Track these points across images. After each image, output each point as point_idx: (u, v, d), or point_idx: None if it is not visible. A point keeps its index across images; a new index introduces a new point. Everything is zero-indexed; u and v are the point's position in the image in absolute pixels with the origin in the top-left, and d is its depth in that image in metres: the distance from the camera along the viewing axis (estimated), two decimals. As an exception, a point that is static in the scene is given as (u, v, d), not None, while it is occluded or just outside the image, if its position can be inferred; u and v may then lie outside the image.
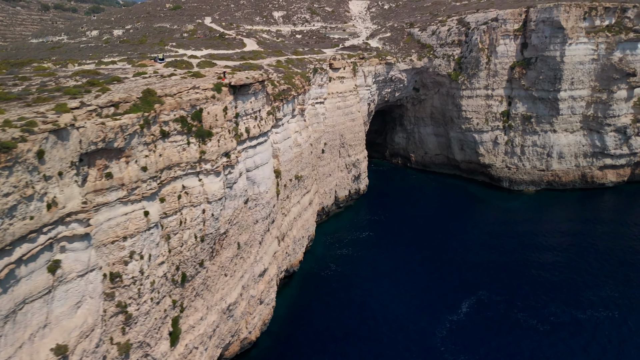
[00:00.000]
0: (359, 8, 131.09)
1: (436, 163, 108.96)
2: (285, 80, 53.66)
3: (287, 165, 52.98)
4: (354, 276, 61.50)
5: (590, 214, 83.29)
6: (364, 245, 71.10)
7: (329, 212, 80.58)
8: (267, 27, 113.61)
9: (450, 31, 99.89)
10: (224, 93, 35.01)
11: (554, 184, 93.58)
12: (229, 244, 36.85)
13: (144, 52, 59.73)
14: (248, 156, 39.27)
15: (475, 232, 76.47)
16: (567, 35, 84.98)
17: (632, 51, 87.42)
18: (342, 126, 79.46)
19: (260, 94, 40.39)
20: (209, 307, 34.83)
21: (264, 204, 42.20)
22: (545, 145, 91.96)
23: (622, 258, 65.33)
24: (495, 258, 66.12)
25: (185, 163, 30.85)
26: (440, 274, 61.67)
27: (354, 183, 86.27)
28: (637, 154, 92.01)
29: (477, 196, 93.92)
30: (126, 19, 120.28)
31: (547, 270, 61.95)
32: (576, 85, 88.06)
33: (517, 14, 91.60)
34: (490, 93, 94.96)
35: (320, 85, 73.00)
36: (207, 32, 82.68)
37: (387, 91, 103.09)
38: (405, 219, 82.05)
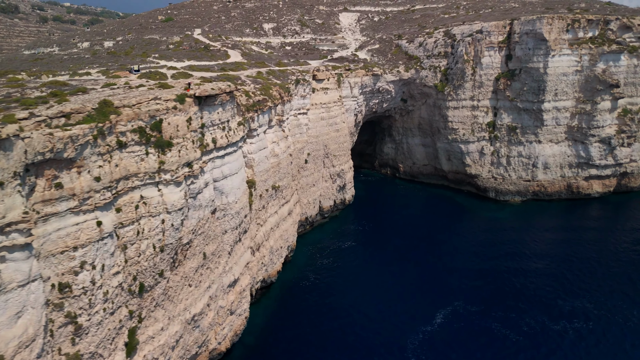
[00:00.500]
0: (349, 20, 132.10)
1: (424, 173, 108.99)
2: (261, 91, 53.85)
3: (263, 176, 52.98)
4: (333, 287, 61.11)
5: (575, 224, 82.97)
6: (346, 256, 70.78)
7: (313, 223, 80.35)
8: (256, 39, 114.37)
9: (437, 43, 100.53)
10: (188, 104, 35.12)
11: (540, 195, 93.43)
12: (194, 254, 36.71)
13: (125, 64, 60.02)
14: (215, 166, 39.26)
15: (459, 243, 76.20)
16: (550, 47, 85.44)
17: (615, 62, 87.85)
18: (326, 137, 79.55)
19: (229, 105, 40.50)
20: (171, 318, 34.58)
21: (233, 214, 42.09)
22: (531, 156, 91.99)
23: (602, 269, 64.97)
24: (476, 268, 65.75)
25: (144, 173, 30.83)
26: (420, 285, 61.30)
27: (339, 193, 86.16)
28: (623, 164, 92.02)
29: (464, 206, 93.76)
30: (118, 30, 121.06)
31: (527, 281, 61.54)
32: (560, 96, 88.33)
33: (501, 26, 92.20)
34: (476, 104, 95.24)
35: (303, 96, 73.24)
36: (193, 44, 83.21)
37: (375, 102, 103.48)
38: (390, 230, 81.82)
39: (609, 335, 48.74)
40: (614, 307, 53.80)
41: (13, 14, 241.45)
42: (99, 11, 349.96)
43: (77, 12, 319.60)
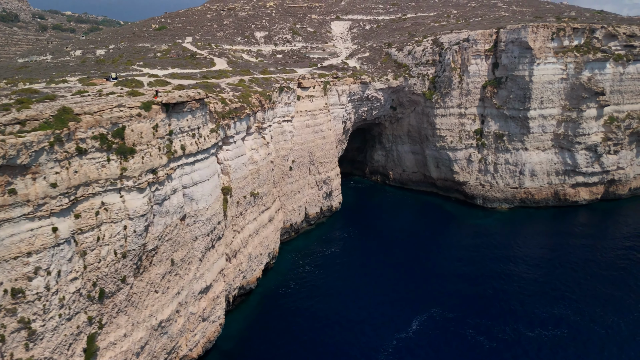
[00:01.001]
0: (340, 29, 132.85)
1: (413, 180, 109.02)
2: (239, 98, 54.12)
3: (241, 182, 53.08)
4: (314, 293, 60.92)
5: (561, 232, 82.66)
6: (329, 263, 70.61)
7: (299, 229, 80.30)
8: (247, 47, 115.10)
9: (425, 51, 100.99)
10: (155, 111, 35.34)
11: (527, 202, 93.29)
12: (160, 260, 36.73)
13: (107, 71, 60.39)
14: (185, 173, 39.38)
15: (443, 250, 76.03)
16: (535, 55, 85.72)
17: (600, 70, 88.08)
18: (312, 144, 79.72)
19: (199, 112, 40.73)
20: (136, 324, 34.53)
21: (204, 220, 42.15)
22: (518, 163, 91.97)
23: (585, 276, 64.68)
24: (459, 275, 65.51)
25: (105, 180, 30.96)
26: (401, 291, 61.05)
27: (326, 200, 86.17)
28: (610, 172, 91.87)
29: (451, 213, 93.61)
30: (112, 39, 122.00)
31: (507, 287, 61.32)
32: (546, 104, 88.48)
33: (488, 35, 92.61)
34: (463, 112, 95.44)
35: (287, 103, 73.53)
36: (181, 52, 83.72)
37: (364, 110, 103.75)
38: (376, 237, 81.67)
39: (583, 342, 48.45)
40: (592, 314, 53.51)
41: (13, 23, 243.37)
42: (100, 20, 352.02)
43: (78, 21, 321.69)
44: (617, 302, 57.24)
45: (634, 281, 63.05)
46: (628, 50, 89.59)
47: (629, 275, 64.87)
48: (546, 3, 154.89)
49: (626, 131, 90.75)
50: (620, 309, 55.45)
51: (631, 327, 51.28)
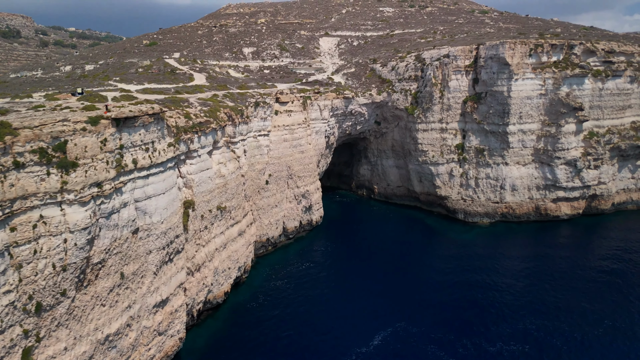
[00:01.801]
0: (329, 45, 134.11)
1: (398, 195, 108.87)
2: (206, 113, 54.49)
3: (206, 196, 53.15)
4: (281, 308, 60.38)
5: (539, 247, 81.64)
6: (303, 277, 70.16)
7: (276, 243, 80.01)
8: (235, 62, 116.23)
9: (408, 67, 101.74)
10: (103, 125, 35.61)
11: (509, 216, 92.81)
12: (108, 273, 36.64)
13: (83, 86, 60.99)
14: (137, 186, 39.49)
15: (419, 265, 75.24)
16: (513, 71, 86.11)
17: (578, 86, 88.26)
18: (290, 158, 79.90)
19: (154, 127, 41.00)
20: (78, 337, 34.31)
21: (159, 234, 42.12)
22: (498, 178, 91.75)
23: (556, 292, 63.90)
24: (431, 290, 64.90)
25: (44, 193, 31.08)
26: (369, 305, 60.48)
27: (306, 214, 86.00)
28: (591, 187, 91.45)
29: (432, 228, 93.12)
30: (103, 54, 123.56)
31: (476, 303, 60.59)
32: (525, 119, 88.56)
33: (468, 51, 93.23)
34: (444, 126, 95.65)
35: (264, 118, 73.96)
36: (162, 68, 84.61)
37: (348, 124, 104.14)
38: (354, 251, 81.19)
39: (542, 358, 47.72)
40: (556, 330, 52.81)
41: (14, 39, 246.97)
42: (103, 36, 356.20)
43: (80, 37, 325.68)
44: (588, 316, 56.56)
45: (610, 296, 62.33)
46: (607, 66, 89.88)
47: (607, 289, 64.23)
48: (534, 20, 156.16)
49: (606, 146, 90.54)
50: (589, 323, 54.82)
51: (594, 342, 50.60)
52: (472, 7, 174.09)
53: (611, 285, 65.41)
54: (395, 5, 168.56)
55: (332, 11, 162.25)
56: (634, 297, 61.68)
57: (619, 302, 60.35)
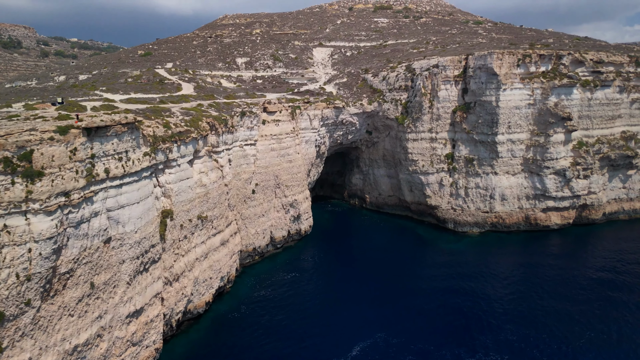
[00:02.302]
0: (322, 55, 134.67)
1: (389, 204, 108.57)
2: (187, 122, 54.53)
3: (186, 206, 52.98)
4: (263, 318, 59.86)
5: (529, 257, 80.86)
6: (289, 287, 69.61)
7: (263, 253, 79.61)
8: (228, 72, 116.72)
9: (398, 77, 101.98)
10: (72, 135, 35.60)
11: (498, 226, 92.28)
12: (76, 283, 36.38)
13: (69, 96, 61.37)
14: (109, 196, 39.37)
15: (407, 275, 74.33)
16: (501, 81, 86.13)
17: (567, 96, 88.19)
18: (278, 167, 79.80)
19: (127, 136, 40.99)
20: (44, 348, 33.97)
21: (132, 243, 41.89)
22: (488, 187, 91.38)
23: (544, 303, 63.13)
24: (414, 301, 64.26)
25: (8, 202, 30.98)
26: (353, 316, 59.86)
27: (294, 224, 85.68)
28: (581, 196, 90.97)
29: (422, 238, 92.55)
30: (97, 64, 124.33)
31: (460, 313, 59.94)
32: (514, 128, 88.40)
33: (457, 61, 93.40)
34: (434, 136, 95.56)
35: (250, 127, 73.99)
36: (151, 78, 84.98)
37: (339, 134, 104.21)
38: (342, 261, 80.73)
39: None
40: (538, 340, 52.10)
41: (15, 49, 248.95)
42: (105, 46, 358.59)
43: (82, 47, 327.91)
44: (575, 327, 55.88)
45: (599, 306, 61.56)
46: (595, 76, 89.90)
47: (596, 300, 63.43)
48: (528, 30, 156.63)
49: (596, 156, 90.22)
50: (575, 334, 54.18)
51: (579, 355, 49.89)
52: (466, 18, 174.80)
53: (600, 296, 64.71)
54: (390, 16, 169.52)
55: (327, 22, 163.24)
56: (623, 309, 61.06)
57: (608, 314, 59.70)
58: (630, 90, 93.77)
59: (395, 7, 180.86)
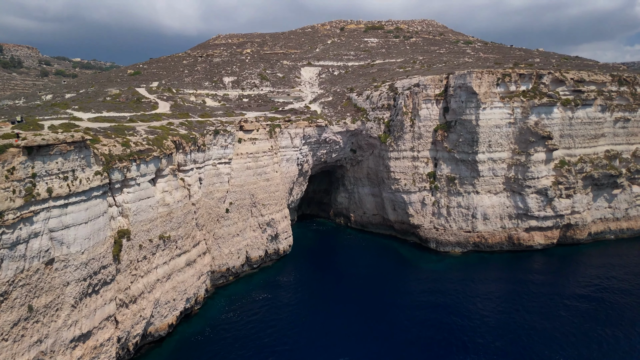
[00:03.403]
0: (310, 74, 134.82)
1: (373, 223, 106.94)
2: (150, 141, 53.66)
3: (146, 225, 51.72)
4: (231, 340, 57.89)
5: (510, 279, 78.65)
6: (263, 308, 67.52)
7: (238, 273, 77.85)
8: (214, 91, 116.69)
9: (381, 96, 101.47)
10: (10, 154, 34.68)
11: (481, 246, 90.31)
12: (11, 306, 34.97)
13: (35, 115, 60.86)
14: (52, 216, 38.20)
15: (384, 300, 71.00)
16: (480, 100, 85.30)
17: (547, 115, 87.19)
18: (254, 186, 78.66)
19: (74, 155, 40.01)
20: (-29, 375, 32.52)
21: (79, 265, 40.54)
22: (470, 207, 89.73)
23: (521, 324, 61.23)
24: (392, 324, 62.28)
25: None
26: (322, 338, 58.09)
27: (272, 243, 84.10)
28: (564, 216, 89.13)
29: (404, 258, 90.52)
30: (86, 83, 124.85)
31: (432, 338, 58.01)
32: (495, 147, 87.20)
33: (438, 80, 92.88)
34: (416, 155, 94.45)
35: (224, 146, 73.14)
36: (130, 96, 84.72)
37: (323, 152, 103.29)
38: (320, 283, 78.53)
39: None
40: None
41: (15, 69, 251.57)
42: (107, 66, 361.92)
43: (84, 67, 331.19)
44: (541, 355, 53.82)
45: (582, 329, 59.71)
46: (576, 95, 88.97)
47: (579, 322, 61.71)
48: (517, 50, 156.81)
49: (578, 175, 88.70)
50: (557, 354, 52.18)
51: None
52: (457, 38, 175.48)
53: (584, 319, 62.94)
54: (380, 36, 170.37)
55: (317, 42, 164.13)
56: (606, 332, 59.18)
57: (591, 337, 57.89)
58: (614, 109, 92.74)
59: (387, 27, 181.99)
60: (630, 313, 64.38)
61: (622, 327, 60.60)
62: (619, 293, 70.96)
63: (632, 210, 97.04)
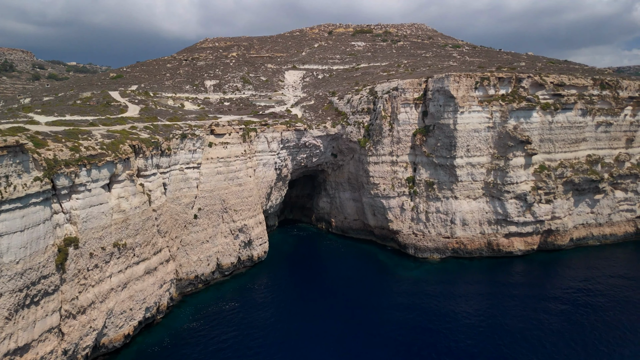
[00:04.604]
0: (294, 78, 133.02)
1: (354, 228, 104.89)
2: (106, 145, 51.69)
3: (98, 233, 49.66)
4: (193, 351, 55.81)
5: (489, 285, 76.82)
6: (232, 318, 64.67)
7: (208, 281, 75.58)
8: (195, 95, 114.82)
9: (361, 99, 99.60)
10: None
11: (460, 252, 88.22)
12: None
13: None
14: (-19, 224, 36.32)
15: (355, 308, 69.02)
16: (458, 104, 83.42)
17: (526, 119, 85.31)
18: (225, 191, 76.61)
19: (8, 160, 37.78)
20: None
21: (13, 275, 38.43)
22: (448, 212, 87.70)
23: (495, 335, 59.16)
24: (366, 333, 60.24)
25: None
26: (290, 349, 55.99)
27: (245, 250, 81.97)
28: (545, 221, 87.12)
29: (383, 264, 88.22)
30: (66, 87, 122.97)
31: (398, 348, 55.96)
32: (473, 152, 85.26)
33: (417, 84, 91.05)
34: (395, 159, 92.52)
35: (192, 150, 71.16)
36: (101, 99, 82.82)
37: (303, 156, 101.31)
38: (293, 290, 76.19)
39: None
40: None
41: (7, 72, 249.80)
42: (103, 69, 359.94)
43: (79, 71, 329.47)
44: None
45: (560, 336, 58.03)
46: (556, 99, 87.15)
47: (551, 331, 59.80)
48: (504, 54, 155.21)
49: (558, 180, 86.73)
50: None
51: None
52: (446, 42, 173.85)
53: (565, 324, 61.51)
54: (368, 39, 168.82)
55: (304, 45, 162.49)
56: (588, 337, 57.83)
57: (574, 342, 56.62)
58: (595, 113, 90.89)
59: (376, 31, 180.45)
60: (612, 317, 63.20)
61: (605, 332, 59.33)
62: (600, 298, 69.44)
63: (615, 216, 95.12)
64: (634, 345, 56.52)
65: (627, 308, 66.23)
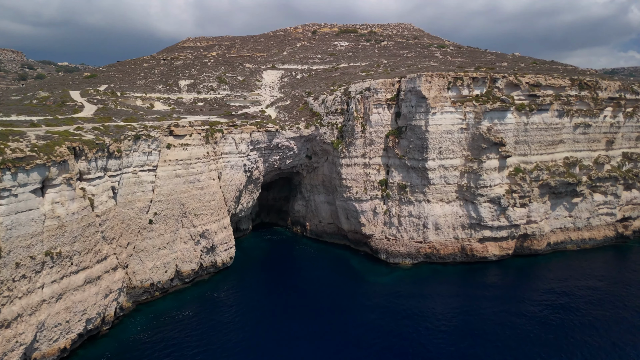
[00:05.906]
0: (272, 78, 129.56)
1: (328, 232, 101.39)
2: (38, 147, 48.10)
3: (26, 241, 46.02)
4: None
5: (462, 292, 73.38)
6: (189, 328, 60.31)
7: (166, 289, 71.79)
8: (167, 95, 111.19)
9: (335, 100, 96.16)
10: None
11: (433, 257, 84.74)
12: None
13: None
14: None
15: (323, 316, 65.41)
16: (430, 104, 80.00)
17: (500, 120, 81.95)
18: (184, 195, 72.97)
19: None
20: None
21: None
22: (421, 216, 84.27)
23: (465, 344, 55.72)
24: (331, 344, 56.89)
25: None
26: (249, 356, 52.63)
27: (208, 256, 78.30)
28: (520, 226, 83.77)
29: (354, 270, 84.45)
30: (39, 86, 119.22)
31: None
32: (446, 154, 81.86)
33: (389, 84, 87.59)
34: (367, 161, 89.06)
35: (147, 152, 67.53)
36: (57, 99, 79.18)
37: (276, 158, 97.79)
38: (259, 297, 72.20)
39: None
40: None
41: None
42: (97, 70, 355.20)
43: (69, 71, 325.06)
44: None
45: (536, 339, 54.71)
46: (532, 99, 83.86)
47: (526, 335, 56.87)
48: (489, 54, 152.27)
49: (534, 183, 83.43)
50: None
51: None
52: (432, 42, 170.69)
53: (540, 328, 58.80)
54: (352, 39, 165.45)
55: (286, 45, 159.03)
56: (567, 340, 54.97)
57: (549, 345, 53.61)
58: (573, 114, 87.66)
59: (361, 31, 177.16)
60: (590, 320, 61.03)
61: (583, 335, 57.11)
62: (577, 300, 67.20)
63: (594, 220, 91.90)
64: (609, 346, 53.74)
65: (603, 309, 63.88)
